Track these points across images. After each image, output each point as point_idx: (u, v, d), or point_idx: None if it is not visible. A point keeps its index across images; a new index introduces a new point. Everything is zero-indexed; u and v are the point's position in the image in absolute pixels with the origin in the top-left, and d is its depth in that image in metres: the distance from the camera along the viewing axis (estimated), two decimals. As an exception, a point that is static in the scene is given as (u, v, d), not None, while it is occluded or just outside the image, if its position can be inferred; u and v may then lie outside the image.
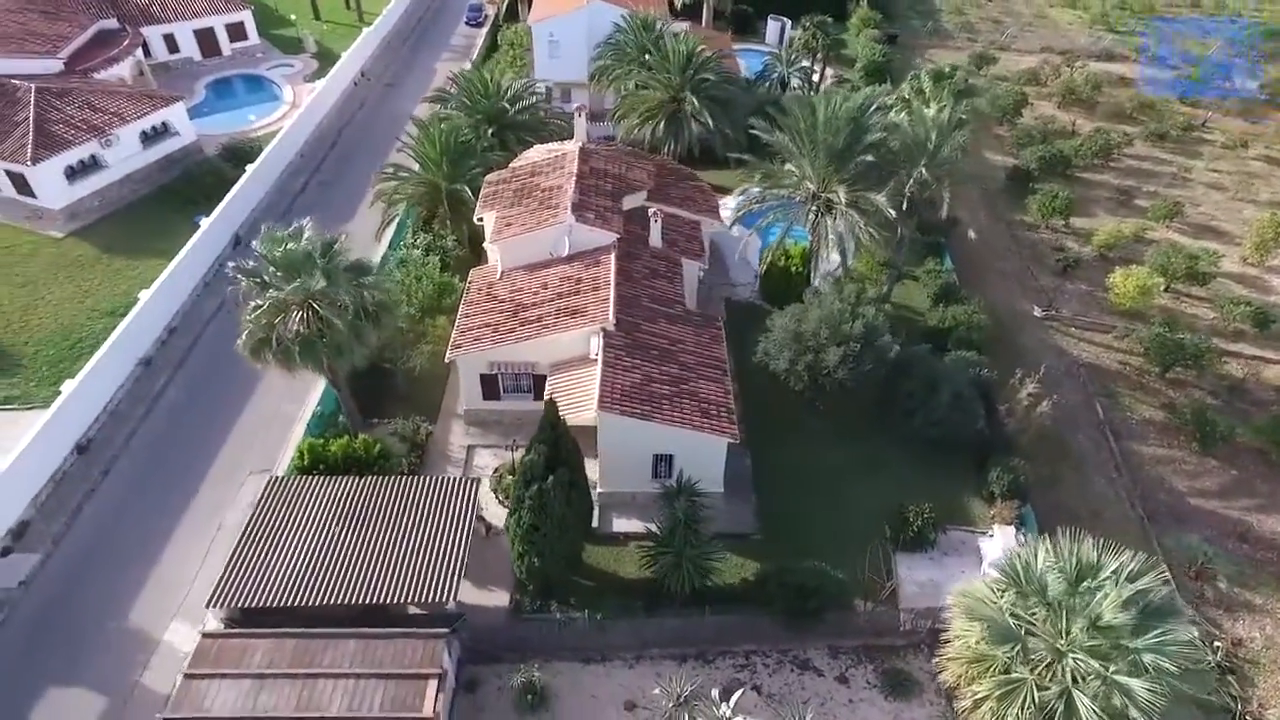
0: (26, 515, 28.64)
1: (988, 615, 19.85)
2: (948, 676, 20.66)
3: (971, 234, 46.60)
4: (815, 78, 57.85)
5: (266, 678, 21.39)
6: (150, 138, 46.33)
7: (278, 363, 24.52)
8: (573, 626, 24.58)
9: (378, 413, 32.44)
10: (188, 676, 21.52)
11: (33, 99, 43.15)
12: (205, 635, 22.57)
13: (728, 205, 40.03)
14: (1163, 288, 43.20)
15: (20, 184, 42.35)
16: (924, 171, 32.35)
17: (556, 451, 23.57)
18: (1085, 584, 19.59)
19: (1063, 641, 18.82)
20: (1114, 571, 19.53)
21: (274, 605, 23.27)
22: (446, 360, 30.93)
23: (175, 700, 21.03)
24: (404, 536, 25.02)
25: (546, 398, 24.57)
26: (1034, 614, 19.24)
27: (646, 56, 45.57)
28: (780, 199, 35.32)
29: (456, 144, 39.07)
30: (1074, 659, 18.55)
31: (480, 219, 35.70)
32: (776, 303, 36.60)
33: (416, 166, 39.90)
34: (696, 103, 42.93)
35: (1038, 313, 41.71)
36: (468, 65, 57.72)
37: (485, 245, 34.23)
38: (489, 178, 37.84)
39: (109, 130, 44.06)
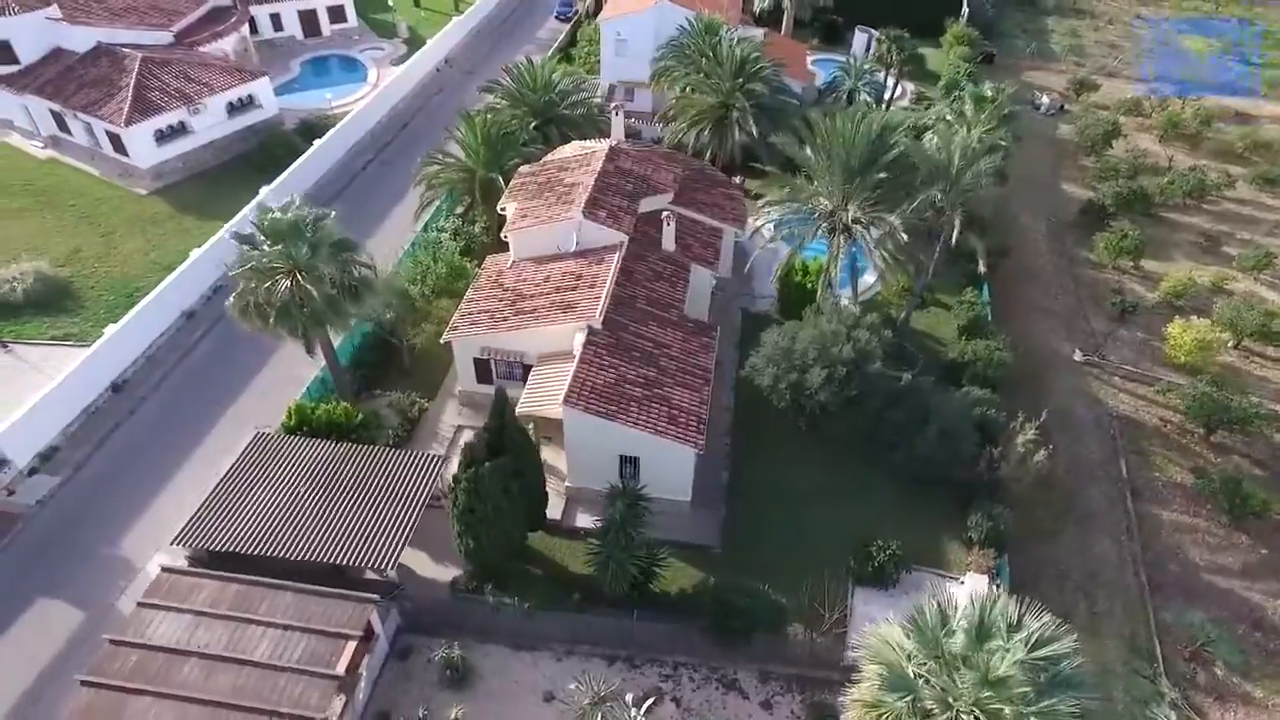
0: (57, 442, 31.65)
1: (889, 660, 19.17)
2: (851, 717, 20.12)
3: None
4: (889, 93, 56.12)
5: (205, 616, 23.00)
6: (236, 108, 49.87)
7: (260, 326, 26.21)
8: (504, 611, 25.17)
9: (381, 385, 34.06)
10: (140, 605, 23.41)
11: (137, 67, 47.27)
12: (164, 569, 24.46)
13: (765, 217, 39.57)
14: (1231, 344, 39.95)
15: (116, 143, 46.51)
16: (940, 196, 31.02)
17: (501, 440, 24.18)
18: (993, 642, 18.65)
19: (953, 697, 17.99)
20: (1028, 634, 18.52)
21: (231, 551, 24.95)
22: (442, 341, 32.10)
23: (122, 624, 22.91)
24: (361, 503, 26.28)
25: (495, 388, 25.19)
26: (926, 665, 18.44)
27: (704, 60, 45.56)
28: (799, 213, 34.69)
29: (498, 135, 40.25)
30: (963, 716, 17.71)
31: (504, 208, 36.77)
32: (792, 318, 36.20)
33: (462, 154, 41.37)
34: (743, 110, 42.69)
35: (1077, 357, 39.30)
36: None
37: (502, 234, 35.21)
38: (521, 170, 38.81)
39: (198, 99, 47.73)
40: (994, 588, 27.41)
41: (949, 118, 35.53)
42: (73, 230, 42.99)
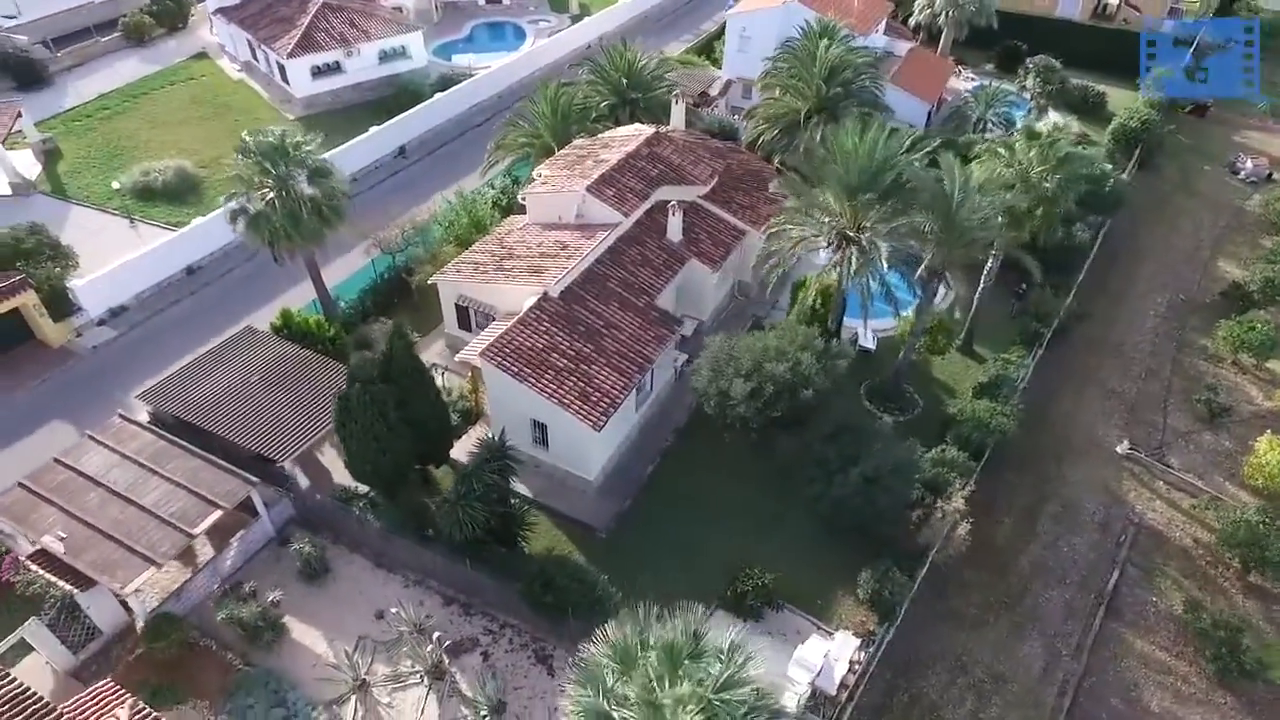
0: (128, 303, 37.93)
1: (590, 683, 18.27)
2: None
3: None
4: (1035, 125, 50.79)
5: (125, 459, 27.01)
6: (387, 57, 55.60)
7: (240, 231, 29.90)
8: (367, 527, 27.09)
9: (385, 313, 37.17)
10: (87, 436, 27.93)
11: (314, 10, 54.25)
12: (119, 416, 28.90)
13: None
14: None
15: (283, 73, 53.73)
16: (928, 227, 28.21)
17: (388, 368, 25.96)
18: (686, 666, 17.61)
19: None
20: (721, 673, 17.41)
21: (179, 419, 28.95)
22: (429, 283, 34.49)
23: (67, 451, 27.48)
24: (293, 402, 29.29)
25: (392, 324, 26.96)
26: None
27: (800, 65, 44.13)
28: (807, 229, 33.05)
29: (569, 107, 41.90)
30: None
31: (539, 173, 38.40)
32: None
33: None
34: (818, 120, 40.99)
35: (1121, 448, 34.07)
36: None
37: (519, 196, 36.87)
38: (575, 141, 40.20)
39: (354, 44, 53.84)
40: (861, 652, 25.37)
41: (1002, 151, 31.94)
42: (225, 139, 50.37)
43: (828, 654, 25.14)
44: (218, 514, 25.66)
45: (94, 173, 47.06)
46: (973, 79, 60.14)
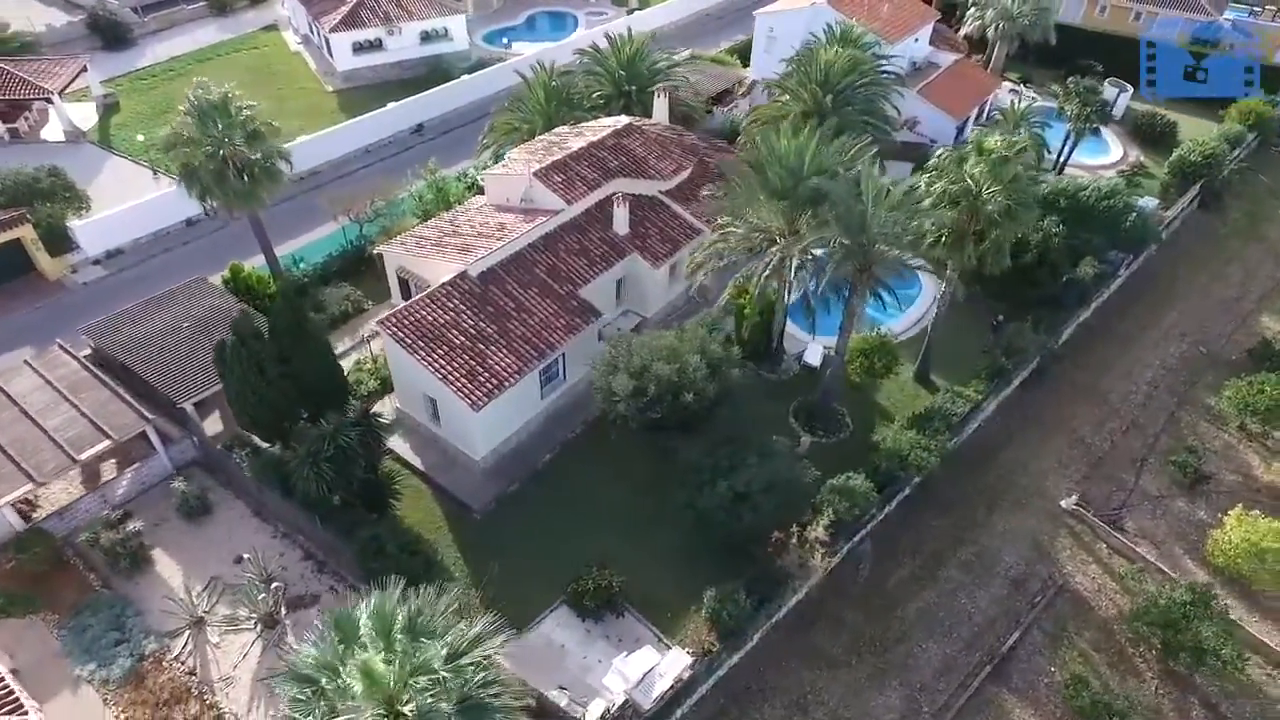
0: (125, 246, 40.83)
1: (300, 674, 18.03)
2: None
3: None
4: (1064, 150, 47.08)
5: (47, 385, 29.12)
6: (429, 38, 57.41)
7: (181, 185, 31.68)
8: (240, 475, 28.15)
9: (347, 280, 38.45)
10: (25, 363, 30.32)
11: (365, -12, 56.71)
12: (58, 345, 31.16)
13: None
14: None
15: (328, 46, 56.39)
16: (836, 241, 26.43)
17: (274, 325, 26.85)
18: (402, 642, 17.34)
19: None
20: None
21: (109, 357, 30.96)
22: (374, 253, 35.41)
23: (3, 372, 29.90)
24: (203, 351, 30.72)
25: (280, 284, 27.74)
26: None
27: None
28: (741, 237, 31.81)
29: (562, 95, 42.03)
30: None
31: (510, 157, 38.68)
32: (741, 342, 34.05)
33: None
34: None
35: (1066, 502, 31.12)
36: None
37: (478, 177, 37.26)
38: (558, 129, 40.25)
39: (396, 23, 55.84)
40: (693, 667, 24.32)
41: (951, 167, 29.54)
42: (265, 105, 53.04)
43: (654, 668, 24.22)
44: (106, 444, 27.29)
45: (140, 128, 50.83)
46: (1034, 98, 56.08)
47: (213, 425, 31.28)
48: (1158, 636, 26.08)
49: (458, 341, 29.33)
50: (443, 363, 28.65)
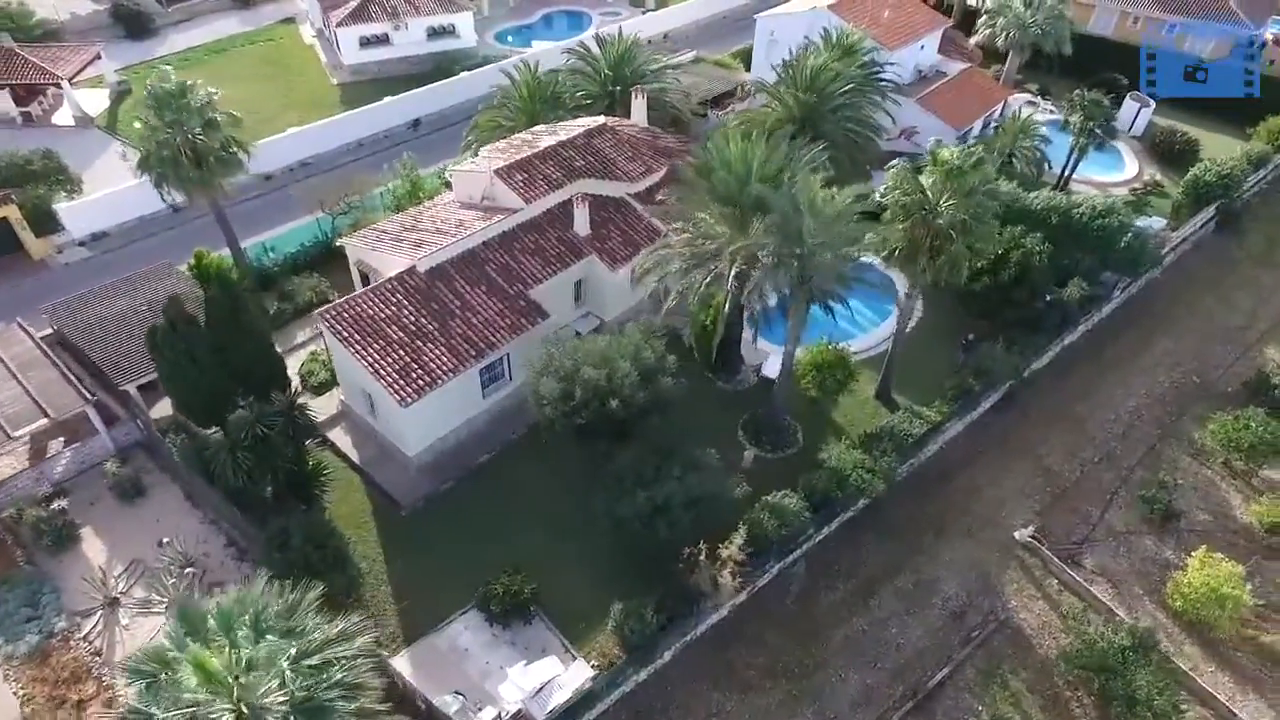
0: (110, 229, 41.73)
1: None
2: None
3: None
4: (1067, 166, 45.17)
5: (4, 361, 29.80)
6: (436, 34, 57.71)
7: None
8: (172, 460, 28.37)
9: (317, 271, 38.69)
10: (-13, 336, 31.12)
11: (376, -15, 57.23)
12: (17, 324, 31.84)
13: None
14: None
15: (336, 40, 57.07)
16: (770, 254, 25.44)
17: (211, 313, 27.00)
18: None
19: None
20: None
21: (65, 339, 31.57)
22: (336, 244, 35.51)
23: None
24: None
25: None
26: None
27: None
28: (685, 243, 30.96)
29: (546, 94, 41.77)
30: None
31: (483, 153, 38.48)
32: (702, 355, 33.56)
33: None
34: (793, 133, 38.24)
35: (1020, 534, 29.66)
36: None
37: (446, 173, 37.13)
38: (536, 128, 39.95)
39: (403, 18, 56.25)
40: (595, 681, 23.72)
41: (907, 178, 28.31)
42: (269, 96, 54.20)
43: (554, 679, 23.66)
44: (43, 422, 27.77)
45: (141, 114, 51.94)
46: (1051, 111, 54.04)
47: (164, 409, 31.64)
48: (1096, 681, 24.61)
49: (395, 337, 29.14)
50: (377, 357, 28.48)
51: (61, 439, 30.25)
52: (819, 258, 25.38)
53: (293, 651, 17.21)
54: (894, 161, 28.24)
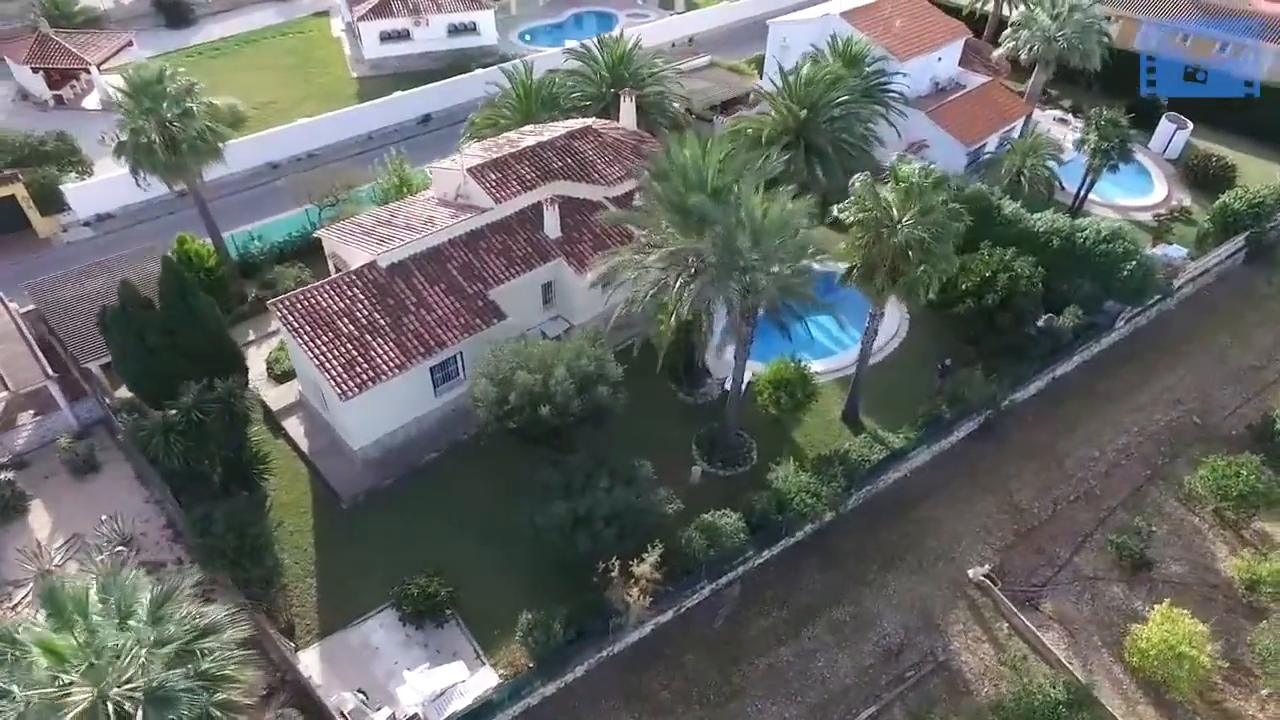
0: (115, 211, 43.05)
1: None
2: None
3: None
4: (1082, 186, 42.99)
5: (-22, 334, 30.96)
6: (457, 31, 58.19)
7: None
8: (123, 437, 28.95)
9: (302, 260, 39.23)
10: (-33, 309, 32.28)
11: (401, -18, 57.99)
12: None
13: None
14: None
15: (358, 34, 57.98)
16: (706, 263, 24.60)
17: (164, 298, 27.47)
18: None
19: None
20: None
21: (43, 321, 32.59)
22: (314, 235, 35.88)
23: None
24: (128, 316, 31.83)
25: (163, 260, 28.33)
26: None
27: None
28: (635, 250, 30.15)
29: (541, 94, 41.63)
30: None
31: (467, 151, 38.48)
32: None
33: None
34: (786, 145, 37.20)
35: (974, 572, 28.20)
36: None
37: (427, 170, 37.19)
38: (525, 128, 39.78)
39: (424, 14, 56.83)
40: (498, 690, 23.35)
41: (866, 194, 27.07)
42: (289, 87, 55.38)
43: (456, 684, 23.33)
44: (8, 396, 28.63)
45: (171, 101, 53.58)
46: (1080, 128, 51.62)
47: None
48: (1023, 739, 23.18)
49: (345, 330, 29.19)
50: (323, 349, 28.55)
51: (32, 411, 31.24)
52: (760, 271, 24.46)
53: (151, 639, 17.24)
54: (858, 175, 27.07)
